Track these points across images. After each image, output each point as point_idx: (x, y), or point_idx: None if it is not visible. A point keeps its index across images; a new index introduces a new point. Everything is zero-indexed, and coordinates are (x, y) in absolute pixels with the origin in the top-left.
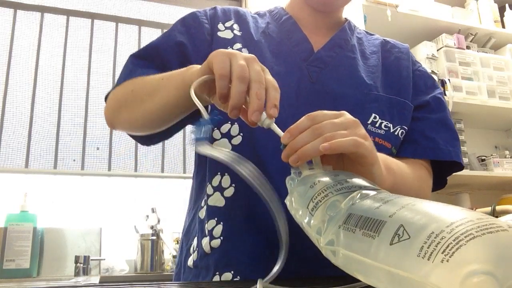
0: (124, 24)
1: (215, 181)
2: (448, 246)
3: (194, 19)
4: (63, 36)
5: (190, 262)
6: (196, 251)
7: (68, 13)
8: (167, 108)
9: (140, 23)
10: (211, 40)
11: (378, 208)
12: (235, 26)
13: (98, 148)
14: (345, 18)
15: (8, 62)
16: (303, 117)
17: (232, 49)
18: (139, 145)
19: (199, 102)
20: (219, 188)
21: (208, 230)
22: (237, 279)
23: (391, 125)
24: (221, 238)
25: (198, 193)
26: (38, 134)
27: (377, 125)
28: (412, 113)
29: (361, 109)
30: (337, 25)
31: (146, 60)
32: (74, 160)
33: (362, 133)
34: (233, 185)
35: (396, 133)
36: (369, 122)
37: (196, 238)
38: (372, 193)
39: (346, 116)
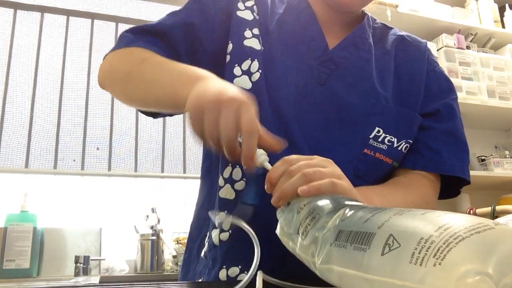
0: (124, 24)
1: (226, 172)
2: (438, 249)
3: None
4: (63, 36)
5: (202, 253)
6: (207, 242)
7: (68, 13)
8: (162, 108)
9: (140, 23)
10: (228, 19)
11: (367, 221)
12: (255, 8)
13: (98, 148)
14: (364, 13)
15: (8, 62)
16: (279, 162)
17: (251, 33)
18: (139, 145)
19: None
20: (230, 180)
21: (218, 223)
22: (244, 274)
23: (395, 139)
24: (230, 231)
25: (210, 182)
26: (38, 134)
27: (379, 139)
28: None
29: (366, 121)
30: (355, 21)
31: (153, 36)
32: (74, 160)
33: (338, 172)
34: (244, 179)
35: (399, 148)
36: (371, 136)
37: (209, 229)
38: (359, 208)
39: (319, 157)
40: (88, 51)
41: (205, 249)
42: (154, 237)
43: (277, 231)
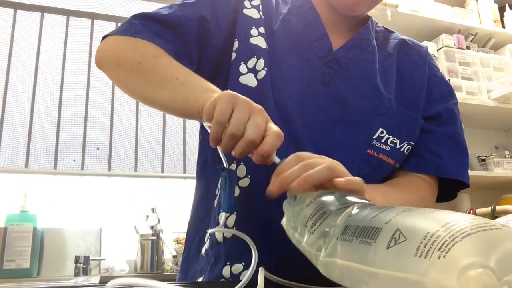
0: None
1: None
2: (444, 243)
3: None
4: (63, 36)
5: (203, 250)
6: (209, 240)
7: (68, 13)
8: (168, 108)
9: None
10: (235, 17)
11: (375, 217)
12: (261, 7)
13: (98, 148)
14: (367, 16)
15: (8, 62)
16: (291, 156)
17: (258, 31)
18: (139, 145)
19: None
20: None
21: (222, 220)
22: (247, 271)
23: (398, 141)
24: (234, 228)
25: (206, 180)
26: (38, 134)
27: (383, 140)
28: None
29: (369, 122)
30: (359, 24)
31: (164, 27)
32: (74, 160)
33: (346, 173)
34: (248, 176)
35: (402, 149)
36: (375, 137)
37: (210, 227)
38: (367, 205)
39: (329, 158)
40: (88, 51)
41: (206, 246)
42: (154, 237)
43: (283, 222)
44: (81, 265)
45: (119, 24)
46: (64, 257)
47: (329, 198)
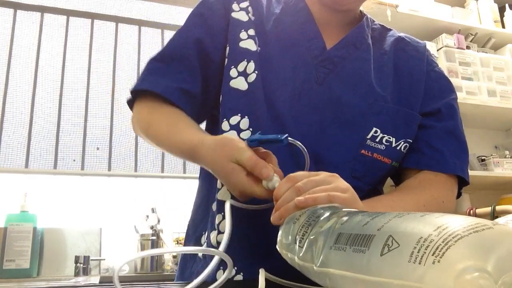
0: (124, 24)
1: None
2: (437, 248)
3: (207, 8)
4: (63, 36)
5: (200, 253)
6: (205, 243)
7: (68, 13)
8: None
9: (140, 23)
10: (227, 24)
11: (366, 224)
12: (250, 9)
13: (98, 148)
14: (362, 13)
15: (8, 62)
16: (283, 180)
17: (247, 34)
18: (139, 145)
19: None
20: None
21: (216, 224)
22: (240, 275)
23: (394, 139)
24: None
25: (209, 183)
26: (38, 134)
27: (377, 140)
28: (420, 120)
29: (363, 121)
30: (354, 21)
31: (165, 64)
32: (74, 160)
33: (342, 186)
34: None
35: (398, 148)
36: (368, 137)
37: (207, 230)
38: (357, 213)
39: (325, 173)
40: (88, 51)
41: None
42: (154, 237)
43: (277, 245)
44: (81, 265)
45: (119, 24)
46: (64, 257)
47: (316, 210)
